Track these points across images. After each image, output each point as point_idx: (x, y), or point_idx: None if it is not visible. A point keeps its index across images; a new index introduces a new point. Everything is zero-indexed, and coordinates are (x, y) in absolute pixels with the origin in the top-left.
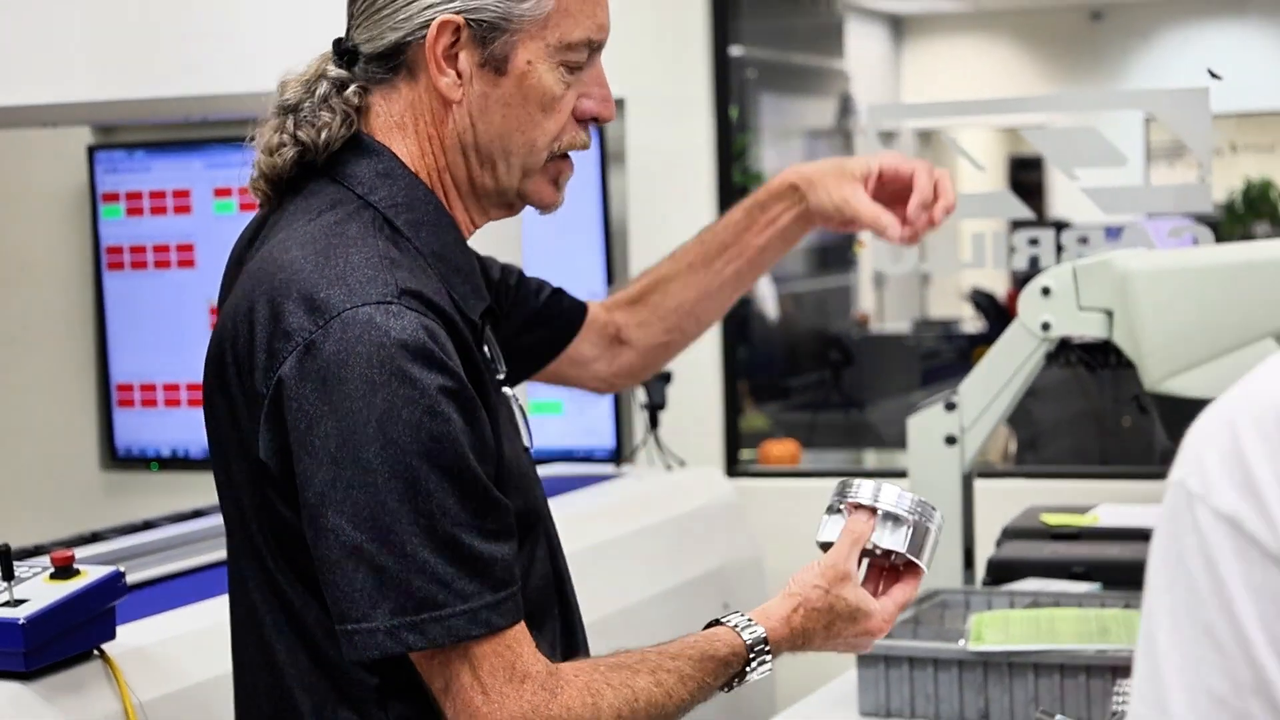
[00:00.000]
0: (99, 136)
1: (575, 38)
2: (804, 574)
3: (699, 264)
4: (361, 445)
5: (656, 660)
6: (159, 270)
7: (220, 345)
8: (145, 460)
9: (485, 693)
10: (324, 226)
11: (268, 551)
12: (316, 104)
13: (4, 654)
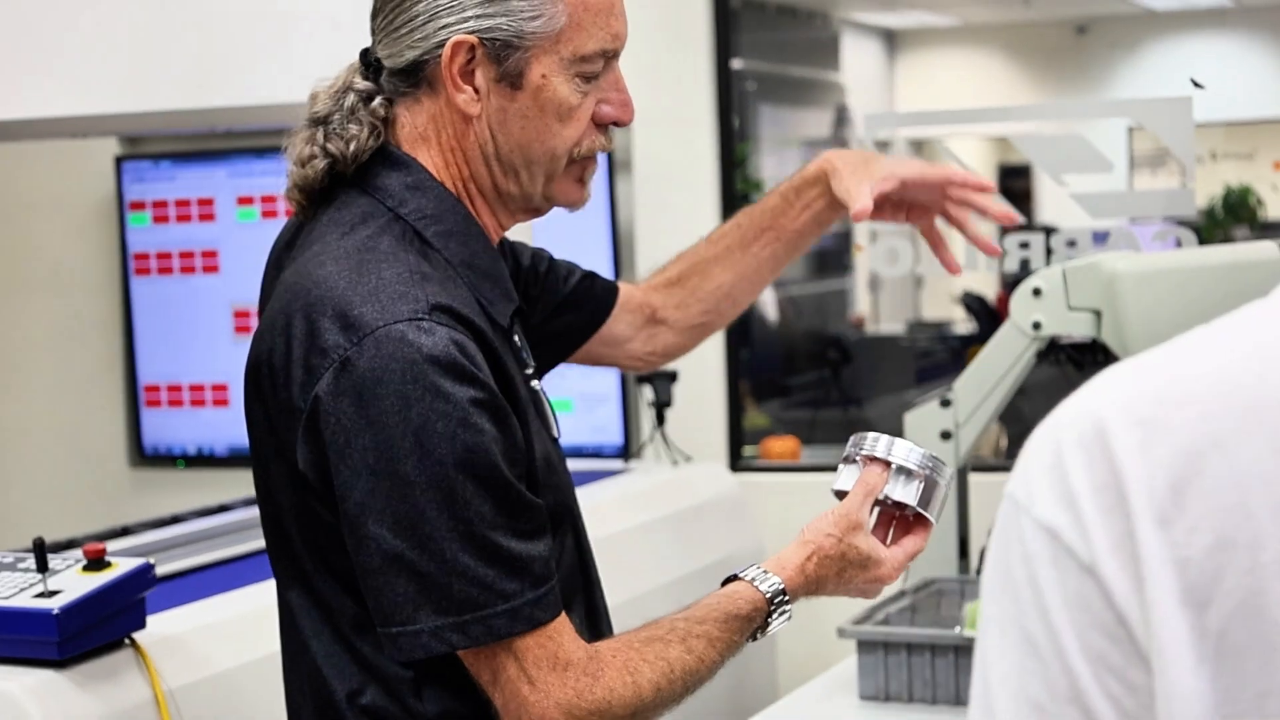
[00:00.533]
0: (126, 147)
1: (589, 49)
2: (818, 522)
3: (736, 247)
4: (399, 458)
5: (685, 628)
6: (184, 276)
7: (258, 356)
8: (172, 458)
9: (531, 683)
10: (357, 242)
11: (304, 550)
12: (345, 116)
13: (39, 643)
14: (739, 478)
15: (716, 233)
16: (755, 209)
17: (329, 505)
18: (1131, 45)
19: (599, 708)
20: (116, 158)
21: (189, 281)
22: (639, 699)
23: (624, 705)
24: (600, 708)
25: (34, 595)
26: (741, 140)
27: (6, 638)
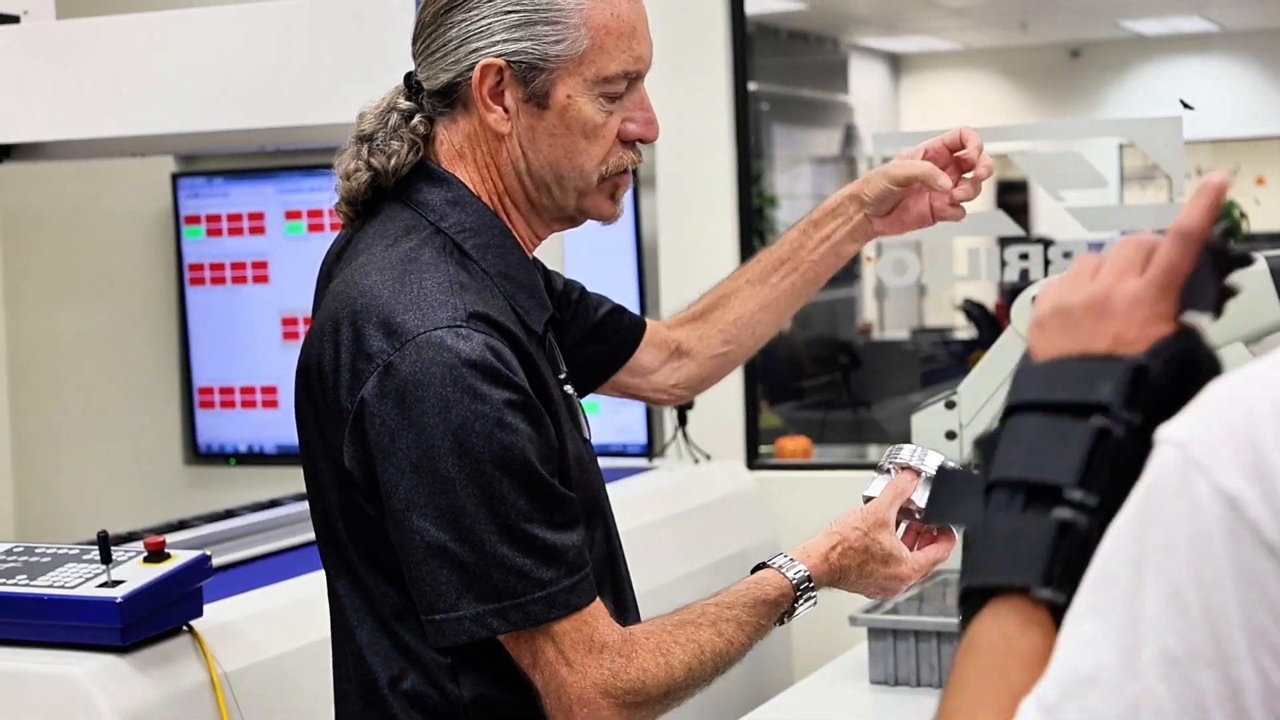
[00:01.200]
0: (182, 165)
1: (611, 71)
2: (846, 517)
3: (756, 279)
4: (440, 456)
5: (715, 612)
6: (236, 285)
7: (308, 360)
8: (224, 456)
9: (569, 664)
10: (401, 254)
11: (350, 543)
12: (388, 134)
13: (103, 629)
14: (755, 475)
15: (740, 268)
16: (777, 242)
17: (373, 501)
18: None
19: (633, 687)
20: (173, 175)
21: (240, 290)
22: (671, 679)
23: (657, 685)
24: (635, 687)
25: (98, 585)
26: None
27: (73, 624)
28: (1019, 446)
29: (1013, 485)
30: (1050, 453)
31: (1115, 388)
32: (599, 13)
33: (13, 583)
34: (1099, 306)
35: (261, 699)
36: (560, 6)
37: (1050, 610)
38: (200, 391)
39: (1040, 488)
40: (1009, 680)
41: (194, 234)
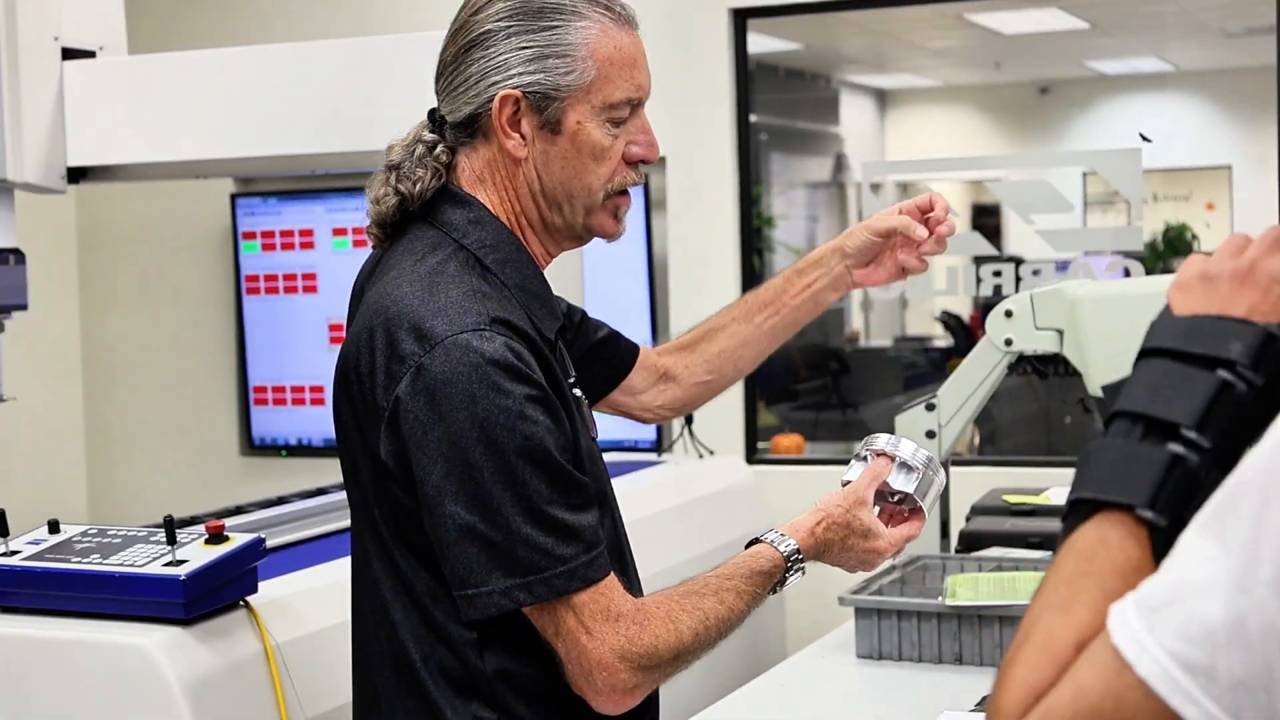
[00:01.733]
0: (240, 186)
1: (616, 98)
2: (830, 497)
3: (742, 317)
4: (468, 447)
5: (717, 583)
6: (288, 295)
7: (346, 364)
8: (276, 448)
9: (588, 632)
10: (428, 267)
11: (386, 530)
12: (414, 163)
13: (168, 604)
14: (754, 469)
15: (728, 306)
16: (764, 285)
17: (407, 490)
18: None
19: (647, 651)
20: (232, 195)
21: (291, 300)
22: (680, 643)
23: (668, 649)
24: (648, 651)
25: (164, 564)
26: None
27: (141, 599)
28: (1146, 385)
29: (1134, 416)
30: (1175, 394)
31: (1245, 348)
32: (603, 46)
33: (87, 561)
34: (1241, 275)
35: (310, 667)
36: (569, 41)
37: (1150, 532)
38: (255, 390)
39: (1160, 423)
40: (1104, 582)
41: (250, 248)
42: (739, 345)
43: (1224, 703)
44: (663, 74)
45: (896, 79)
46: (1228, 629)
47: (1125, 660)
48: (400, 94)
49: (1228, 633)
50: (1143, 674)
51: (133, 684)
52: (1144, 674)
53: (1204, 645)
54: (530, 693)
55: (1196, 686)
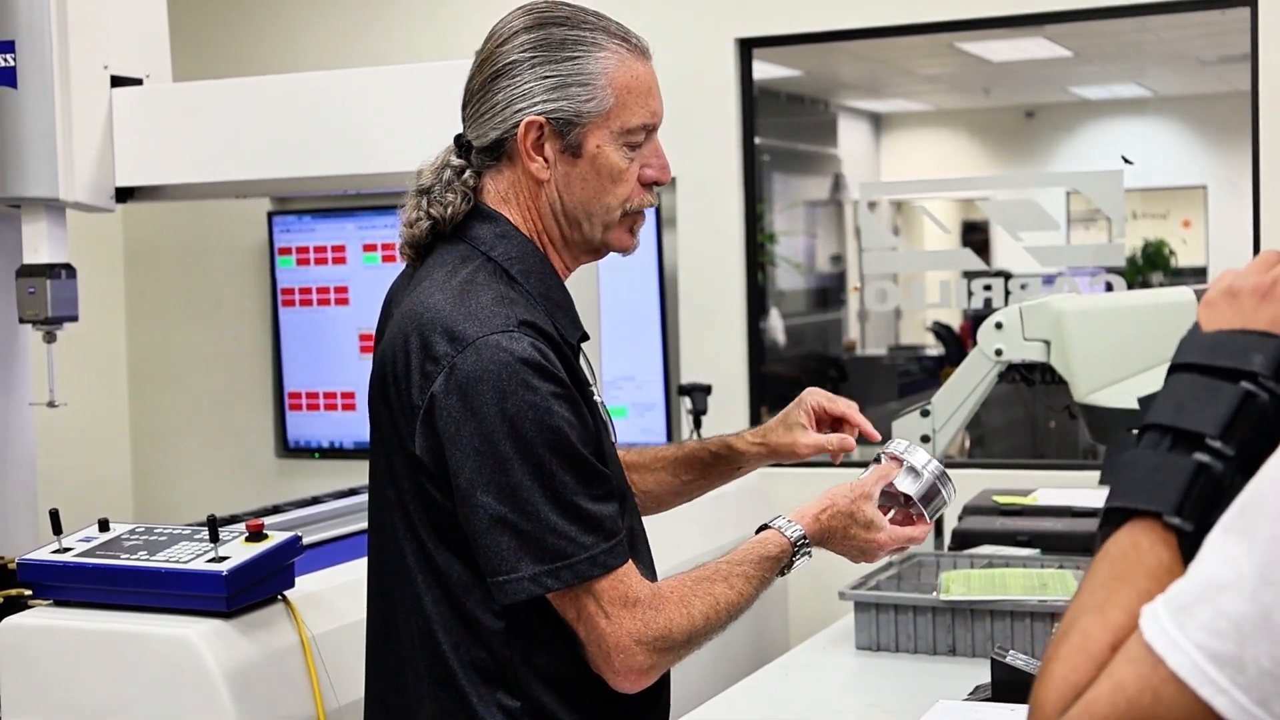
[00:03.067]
0: (276, 204)
1: (633, 124)
2: (837, 487)
3: (667, 470)
4: (498, 440)
5: (728, 569)
6: (321, 307)
7: (382, 368)
8: (310, 450)
9: (607, 616)
10: (460, 278)
11: (420, 525)
12: (444, 187)
13: (210, 598)
14: (759, 471)
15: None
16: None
17: (441, 486)
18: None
19: (662, 634)
20: (269, 213)
21: (325, 311)
22: (693, 626)
23: (682, 632)
24: (663, 634)
25: (207, 560)
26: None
27: (185, 594)
28: (1174, 398)
29: (1163, 429)
30: (1201, 406)
31: (1266, 360)
32: (622, 75)
33: (135, 557)
34: (1264, 291)
35: (343, 657)
36: (590, 70)
37: (1178, 536)
38: (290, 396)
39: (1186, 434)
40: (1136, 584)
41: (286, 263)
42: (661, 493)
43: (1252, 693)
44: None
45: (891, 104)
46: (1253, 622)
47: (1158, 655)
48: (428, 118)
49: (1253, 626)
50: (1174, 667)
51: (178, 673)
52: (1175, 667)
53: (1231, 638)
54: (552, 680)
55: (1225, 678)
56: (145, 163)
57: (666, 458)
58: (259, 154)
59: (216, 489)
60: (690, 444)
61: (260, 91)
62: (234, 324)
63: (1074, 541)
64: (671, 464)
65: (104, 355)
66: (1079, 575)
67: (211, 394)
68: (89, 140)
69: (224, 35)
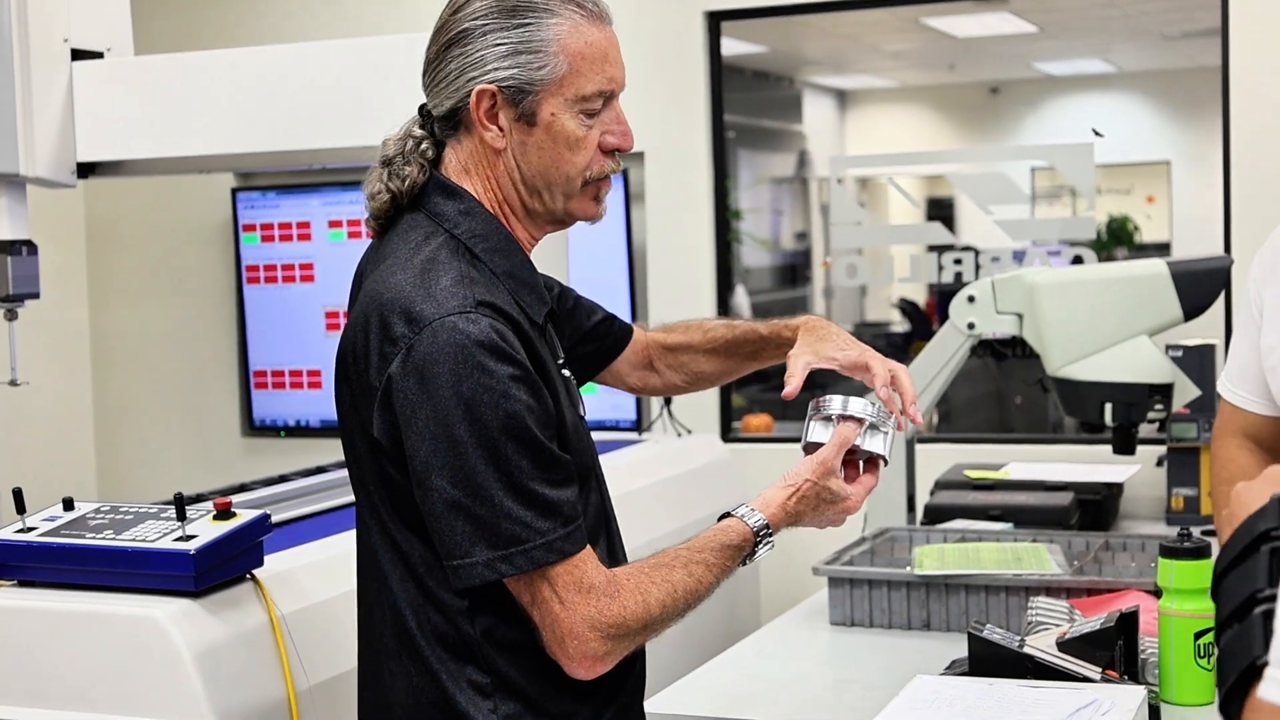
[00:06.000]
0: (240, 180)
1: (588, 90)
2: (799, 467)
3: (723, 352)
4: (453, 423)
5: (688, 555)
6: (286, 284)
7: (344, 348)
8: (276, 429)
9: (562, 602)
10: (422, 257)
11: (382, 504)
12: (405, 158)
13: (178, 577)
14: (729, 446)
15: (714, 332)
16: (744, 333)
17: (399, 467)
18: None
19: (617, 622)
20: (233, 189)
21: (290, 289)
22: (649, 614)
23: (637, 619)
24: (618, 621)
25: (174, 539)
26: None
27: (152, 573)
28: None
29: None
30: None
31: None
32: (574, 41)
33: (101, 537)
34: None
35: (313, 636)
36: (541, 37)
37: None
38: (255, 374)
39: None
40: None
41: (250, 240)
42: (715, 372)
43: None
44: (642, 74)
45: (856, 80)
46: None
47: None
48: (392, 92)
49: None
50: None
51: (146, 653)
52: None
53: None
54: (519, 656)
55: None
56: (107, 138)
57: (720, 339)
58: (222, 128)
59: (182, 468)
60: (741, 325)
61: (224, 65)
62: (198, 301)
63: (1046, 515)
64: (725, 345)
65: (67, 333)
66: (1052, 549)
67: (176, 372)
68: (49, 115)
69: (187, 7)
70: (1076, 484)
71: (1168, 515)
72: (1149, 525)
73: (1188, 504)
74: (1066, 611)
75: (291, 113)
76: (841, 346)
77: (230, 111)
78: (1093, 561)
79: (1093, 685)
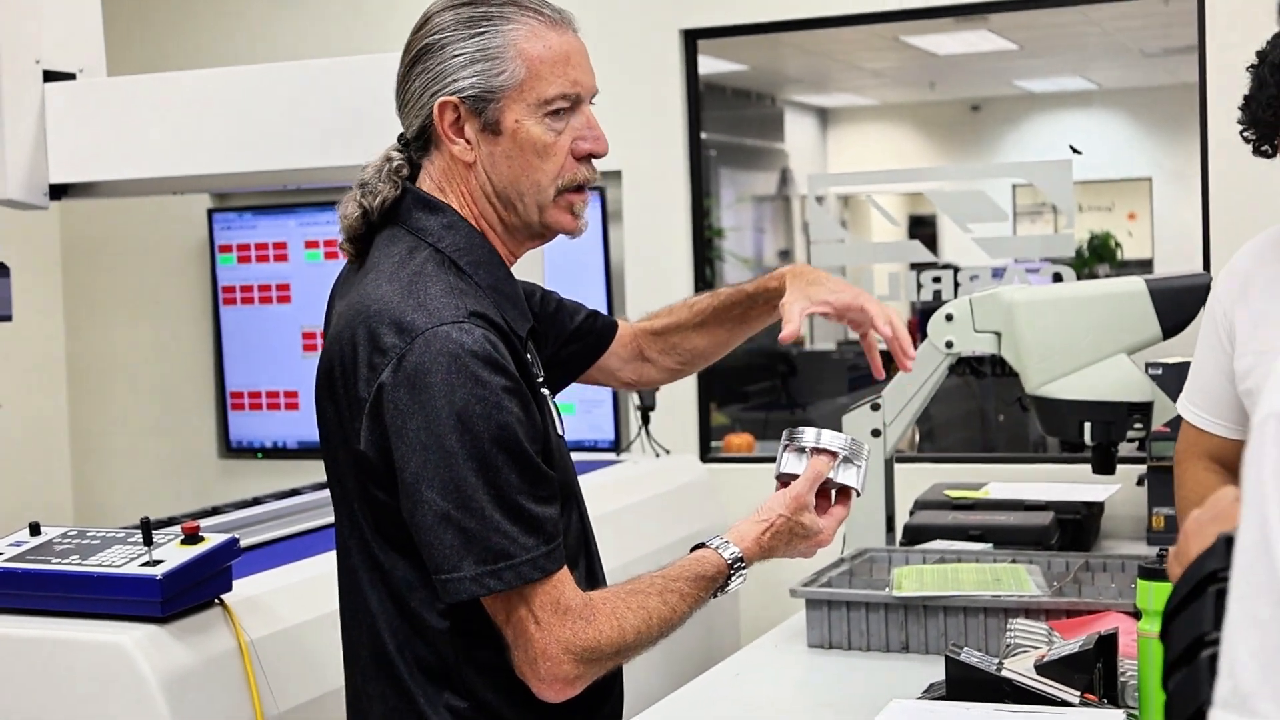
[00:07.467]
0: (216, 201)
1: (549, 94)
2: (773, 502)
3: (712, 322)
4: (444, 434)
5: (663, 584)
6: (263, 305)
7: (328, 362)
8: (253, 450)
9: (538, 622)
10: (408, 269)
11: (365, 523)
12: (380, 178)
13: (145, 603)
14: (708, 467)
15: (698, 304)
16: (729, 296)
17: (385, 483)
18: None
19: (590, 645)
20: (208, 210)
21: (266, 309)
22: (623, 640)
23: (611, 644)
24: (591, 645)
25: (141, 564)
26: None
27: (118, 598)
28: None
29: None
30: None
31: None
32: (531, 46)
33: (67, 562)
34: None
35: (283, 662)
36: (497, 44)
37: None
38: (232, 395)
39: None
40: None
41: (226, 261)
42: (708, 345)
43: None
44: (618, 92)
45: (837, 98)
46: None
47: None
48: (366, 111)
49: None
50: None
51: (111, 681)
52: None
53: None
54: (500, 680)
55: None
56: (79, 159)
57: (706, 309)
58: (196, 149)
59: (158, 490)
60: (724, 291)
61: (197, 85)
62: (175, 322)
63: (1026, 535)
64: (713, 314)
65: (42, 354)
66: (1031, 570)
67: (152, 394)
68: (21, 136)
69: (160, 28)
70: (1057, 503)
71: (1149, 535)
72: (1130, 545)
73: (1168, 523)
74: (1045, 634)
75: (265, 133)
76: (834, 290)
77: (203, 132)
78: (1072, 582)
79: (1071, 709)
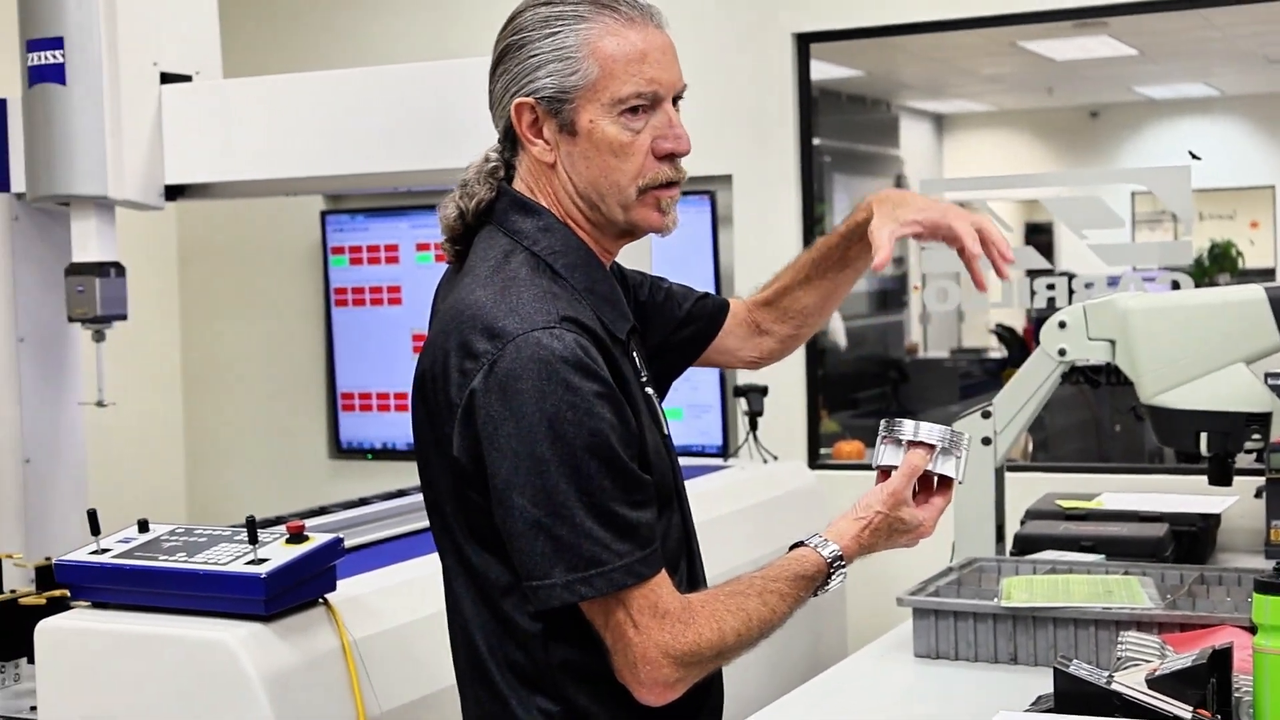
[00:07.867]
0: (329, 203)
1: (624, 93)
2: (869, 498)
3: (816, 275)
4: (536, 441)
5: (762, 584)
6: (374, 306)
7: (423, 368)
8: (362, 451)
9: (636, 627)
10: (503, 274)
11: (458, 527)
12: (478, 179)
13: (249, 601)
14: (816, 474)
15: (799, 261)
16: (826, 244)
17: (478, 488)
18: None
19: (690, 648)
20: (322, 212)
21: (378, 311)
22: (723, 642)
23: (711, 647)
24: (691, 649)
25: (246, 562)
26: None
27: (223, 596)
28: None
29: None
30: None
31: None
32: (605, 44)
33: (173, 559)
34: None
35: (386, 662)
36: (570, 44)
37: None
38: (343, 396)
39: None
40: None
41: (339, 262)
42: (817, 300)
43: None
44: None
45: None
46: None
47: None
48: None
49: None
50: None
51: (215, 678)
52: None
53: None
54: (593, 683)
55: None
56: (194, 160)
57: (806, 263)
58: (309, 151)
59: (269, 490)
60: (818, 241)
61: (311, 87)
62: (287, 323)
63: (1140, 547)
64: (813, 266)
65: (159, 355)
66: (1144, 582)
67: (264, 394)
68: (138, 137)
69: (274, 31)
70: (1171, 515)
71: (1266, 548)
72: (1247, 558)
73: None
74: (1158, 647)
75: (378, 135)
76: (921, 208)
77: (317, 134)
78: (1186, 595)
79: None
